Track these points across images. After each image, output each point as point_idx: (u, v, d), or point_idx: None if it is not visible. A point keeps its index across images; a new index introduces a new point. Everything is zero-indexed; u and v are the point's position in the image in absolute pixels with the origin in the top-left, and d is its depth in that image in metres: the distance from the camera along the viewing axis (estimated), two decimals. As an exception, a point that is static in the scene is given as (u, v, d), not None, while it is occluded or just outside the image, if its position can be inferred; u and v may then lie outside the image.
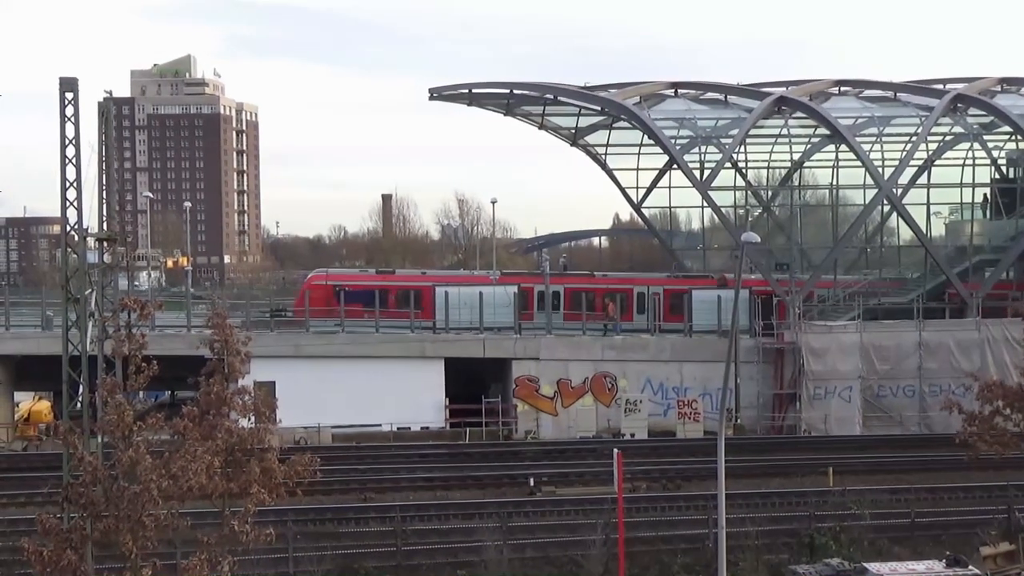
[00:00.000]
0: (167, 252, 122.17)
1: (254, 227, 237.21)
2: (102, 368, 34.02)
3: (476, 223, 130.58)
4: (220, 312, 25.05)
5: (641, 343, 58.62)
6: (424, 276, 67.56)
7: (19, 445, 55.56)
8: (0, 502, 42.27)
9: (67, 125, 34.02)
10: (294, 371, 53.79)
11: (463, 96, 67.08)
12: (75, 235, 35.13)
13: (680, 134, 61.01)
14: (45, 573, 20.64)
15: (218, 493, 22.54)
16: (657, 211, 75.22)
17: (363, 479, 46.21)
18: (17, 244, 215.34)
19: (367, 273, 67.73)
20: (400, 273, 69.33)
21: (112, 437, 21.22)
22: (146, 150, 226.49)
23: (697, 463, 47.39)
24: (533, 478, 45.75)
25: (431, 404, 56.47)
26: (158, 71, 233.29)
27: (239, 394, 23.59)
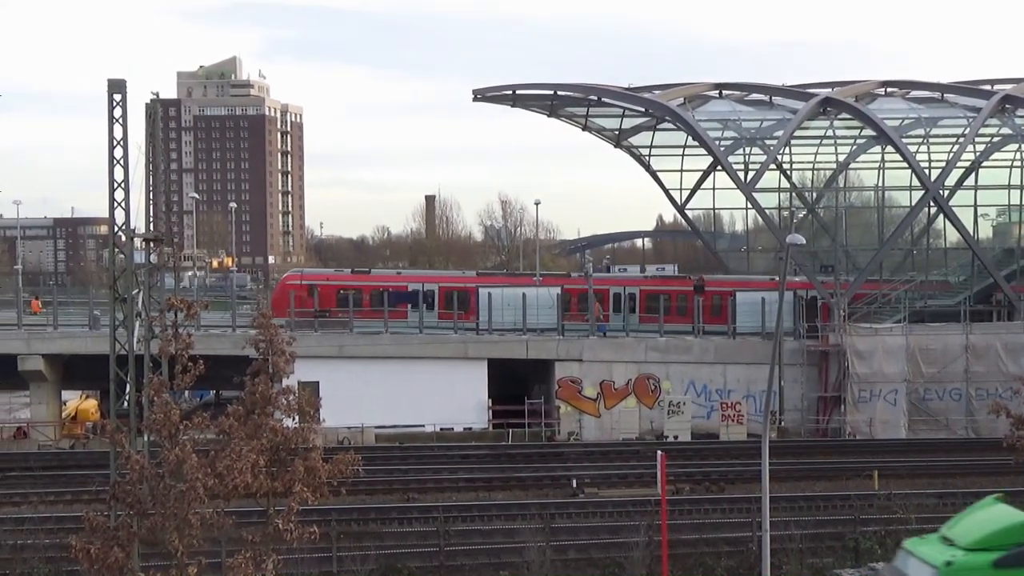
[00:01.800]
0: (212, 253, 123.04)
1: (298, 228, 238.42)
2: (149, 367, 34.37)
3: (519, 224, 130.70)
4: (265, 312, 25.16)
5: (684, 345, 58.46)
6: (399, 276, 67.70)
7: (66, 443, 56.12)
8: (48, 499, 42.71)
9: (115, 126, 34.34)
10: (338, 371, 54.08)
11: (507, 98, 67.12)
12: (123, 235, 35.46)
13: (724, 135, 60.80)
14: (92, 570, 20.84)
15: (263, 492, 22.61)
16: (701, 213, 74.97)
17: (406, 479, 46.35)
18: (65, 244, 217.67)
19: (342, 273, 67.86)
20: (375, 273, 69.41)
21: (159, 436, 21.38)
22: (192, 151, 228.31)
23: (740, 465, 47.21)
24: (576, 479, 45.71)
25: (474, 405, 56.59)
26: (204, 73, 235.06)
27: (283, 394, 23.66)
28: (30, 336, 58.35)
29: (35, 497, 42.90)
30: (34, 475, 46.88)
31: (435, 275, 70.79)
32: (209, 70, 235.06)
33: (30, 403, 62.40)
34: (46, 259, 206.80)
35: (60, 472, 47.76)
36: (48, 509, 40.86)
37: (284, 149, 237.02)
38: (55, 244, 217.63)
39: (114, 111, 34.29)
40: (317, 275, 66.80)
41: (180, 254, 41.26)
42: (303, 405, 23.89)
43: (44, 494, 43.30)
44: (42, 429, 57.83)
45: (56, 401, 60.88)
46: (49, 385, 58.73)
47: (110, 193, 35.17)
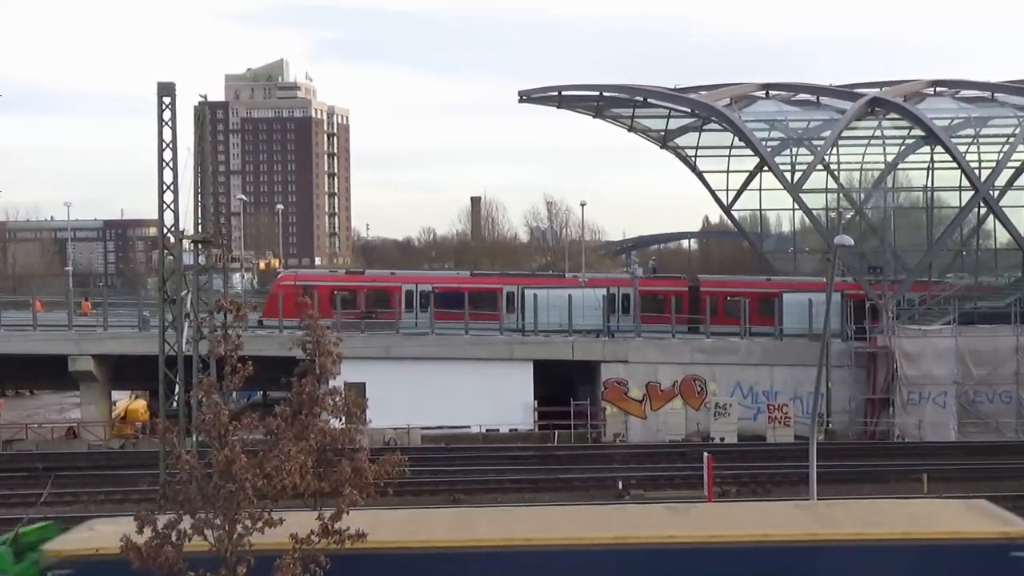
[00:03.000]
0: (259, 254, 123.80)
1: (344, 229, 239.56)
2: (198, 368, 34.66)
3: (565, 225, 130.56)
4: (312, 314, 25.27)
5: (731, 346, 58.22)
6: (393, 276, 67.92)
7: (116, 443, 56.66)
8: (98, 499, 43.12)
9: (164, 129, 34.68)
10: (384, 372, 54.27)
11: (552, 99, 67.11)
12: (172, 237, 35.81)
13: (771, 136, 60.54)
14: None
15: (310, 492, 22.71)
16: (747, 213, 74.66)
17: (452, 480, 46.42)
18: (115, 246, 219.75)
19: (336, 274, 68.00)
20: (369, 273, 69.63)
21: (208, 436, 21.51)
22: (239, 153, 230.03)
23: (787, 468, 46.94)
24: (622, 481, 45.63)
25: (520, 406, 56.61)
26: (251, 75, 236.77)
27: (330, 394, 23.74)
28: (80, 337, 58.96)
29: (85, 496, 43.33)
30: (84, 475, 47.35)
31: (428, 275, 71.09)
32: (256, 73, 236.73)
33: (80, 403, 63.09)
34: (96, 261, 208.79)
35: (110, 472, 48.21)
36: (98, 508, 41.23)
37: (331, 151, 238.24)
38: (105, 246, 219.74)
39: (163, 114, 34.65)
40: (311, 276, 67.59)
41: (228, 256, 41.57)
42: (350, 406, 23.97)
43: (94, 493, 43.72)
44: (92, 429, 58.42)
45: (106, 401, 61.47)
46: (99, 385, 59.31)
47: (159, 195, 35.55)
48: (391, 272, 71.27)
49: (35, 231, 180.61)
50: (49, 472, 45.46)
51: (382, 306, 59.90)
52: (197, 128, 40.18)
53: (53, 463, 49.00)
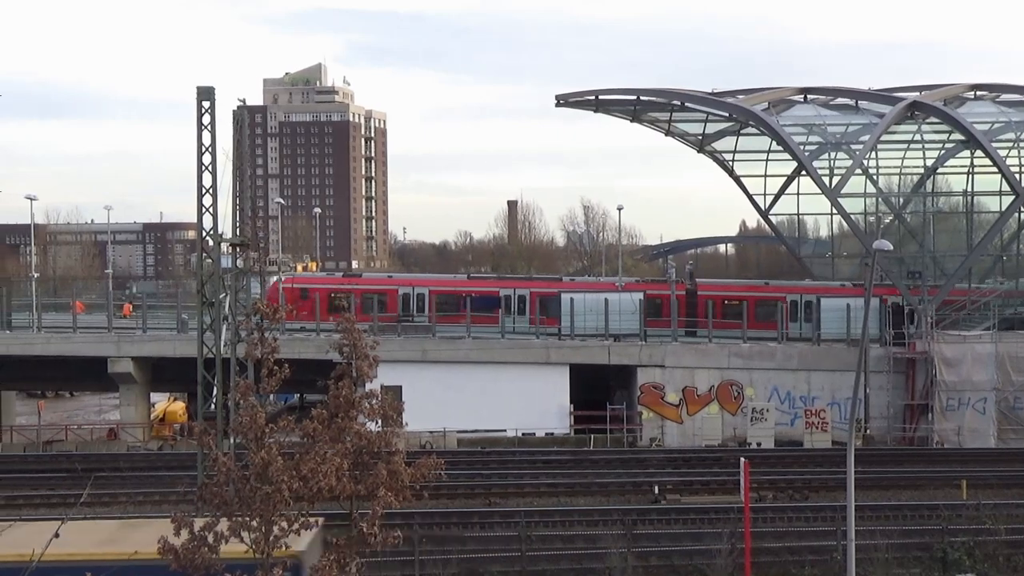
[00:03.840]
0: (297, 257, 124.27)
1: (381, 233, 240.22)
2: (235, 370, 34.84)
3: (602, 229, 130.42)
4: (349, 317, 25.38)
5: (768, 351, 57.99)
6: (389, 279, 67.97)
7: (155, 444, 57.04)
8: (136, 500, 43.41)
9: (204, 133, 34.88)
10: (420, 376, 54.40)
11: (589, 103, 66.99)
12: (210, 240, 36.01)
13: (809, 140, 60.24)
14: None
15: (346, 495, 22.80)
16: (785, 218, 74.21)
17: (488, 484, 46.46)
18: (154, 249, 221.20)
19: (334, 277, 68.08)
20: (366, 276, 69.70)
21: (245, 438, 21.64)
22: (277, 157, 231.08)
23: (825, 473, 46.71)
24: (658, 486, 45.53)
25: (556, 410, 56.58)
26: (290, 80, 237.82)
27: (367, 398, 23.83)
28: (120, 339, 59.39)
29: (124, 497, 43.64)
30: (123, 475, 47.69)
31: (425, 278, 71.25)
32: (294, 77, 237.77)
33: (119, 405, 63.55)
34: (135, 263, 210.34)
35: (148, 473, 48.55)
36: (136, 509, 41.55)
37: (368, 155, 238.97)
38: (144, 249, 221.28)
39: (203, 118, 34.84)
40: (309, 279, 67.77)
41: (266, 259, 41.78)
42: (386, 409, 24.04)
43: (133, 494, 44.02)
44: (131, 430, 58.83)
45: (145, 403, 61.89)
46: (138, 387, 59.72)
47: (198, 198, 35.76)
48: (388, 275, 71.66)
49: (76, 234, 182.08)
50: (88, 473, 45.82)
51: (379, 309, 59.97)
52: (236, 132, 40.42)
53: (93, 464, 49.38)
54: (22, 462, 52.32)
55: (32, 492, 44.80)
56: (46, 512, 40.61)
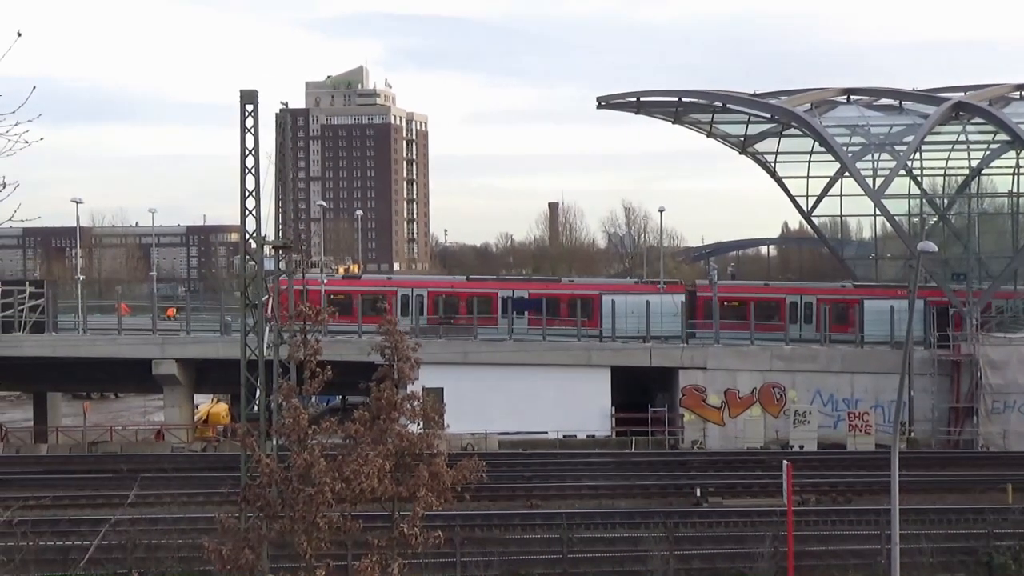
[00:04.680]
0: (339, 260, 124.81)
1: (423, 235, 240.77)
2: (278, 372, 35.01)
3: (643, 231, 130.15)
4: (390, 319, 25.46)
5: (811, 353, 57.70)
6: (388, 281, 67.89)
7: (198, 446, 57.41)
8: (180, 500, 43.68)
9: (247, 136, 35.05)
10: (462, 377, 54.47)
11: (631, 105, 66.93)
12: (253, 243, 36.19)
13: (852, 141, 59.89)
14: (224, 571, 21.29)
15: (388, 496, 22.86)
16: (827, 219, 73.94)
17: (529, 486, 46.44)
18: (197, 251, 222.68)
19: (333, 278, 68.24)
20: (366, 278, 69.75)
21: (288, 440, 21.76)
22: (319, 160, 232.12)
23: (868, 477, 46.37)
24: (700, 488, 45.37)
25: (597, 412, 56.51)
26: (331, 82, 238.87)
27: (408, 399, 23.89)
28: (164, 341, 59.86)
29: (168, 498, 43.89)
30: (167, 476, 48.01)
31: (424, 280, 71.33)
32: (336, 80, 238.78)
33: (164, 406, 64.06)
34: (179, 266, 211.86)
35: (192, 474, 48.86)
36: (181, 510, 41.81)
37: (409, 157, 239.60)
38: (188, 251, 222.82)
39: (246, 121, 35.00)
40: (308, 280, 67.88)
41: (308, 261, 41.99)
42: (428, 411, 24.10)
43: (177, 495, 44.30)
44: (175, 432, 59.27)
45: (188, 404, 62.33)
46: (182, 389, 60.17)
47: (241, 201, 35.91)
48: (387, 277, 71.84)
49: (120, 237, 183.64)
50: (133, 474, 46.15)
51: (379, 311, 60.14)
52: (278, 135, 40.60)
53: (138, 465, 49.75)
54: (68, 463, 52.82)
55: (78, 492, 45.17)
56: (91, 512, 40.97)
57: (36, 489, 43.47)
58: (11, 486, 42.78)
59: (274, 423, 24.10)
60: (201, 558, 25.41)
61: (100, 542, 32.40)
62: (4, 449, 56.39)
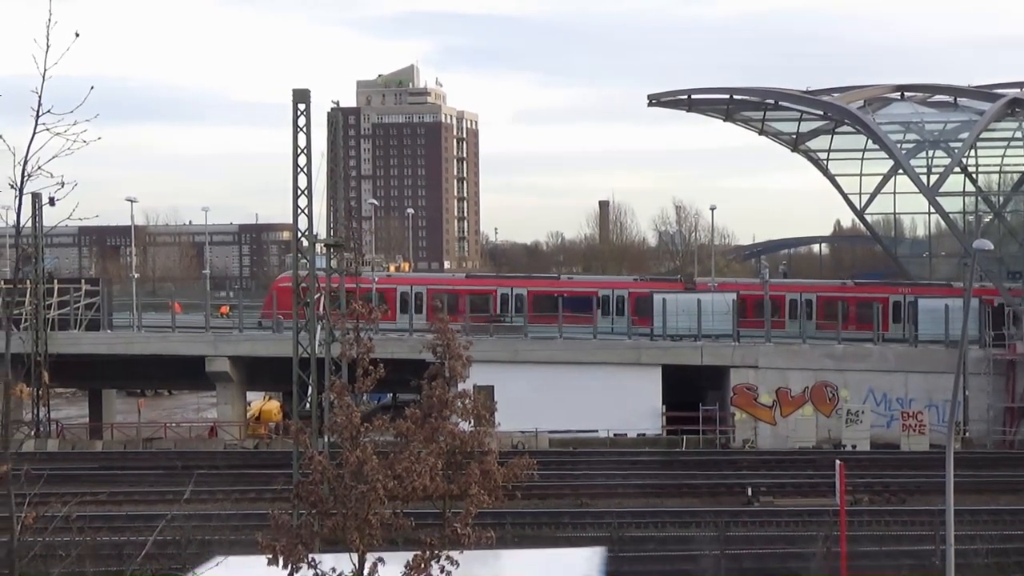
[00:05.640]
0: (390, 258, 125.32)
1: (473, 233, 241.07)
2: (330, 370, 35.23)
3: (694, 229, 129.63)
4: (443, 318, 25.51)
5: (863, 352, 57.26)
6: (388, 279, 68.12)
7: (251, 443, 57.85)
8: (233, 497, 44.07)
9: (299, 135, 35.32)
10: (512, 376, 54.46)
11: (682, 102, 66.74)
12: (305, 241, 36.45)
13: (906, 138, 59.40)
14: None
15: (439, 494, 22.89)
16: (880, 217, 73.36)
17: (579, 484, 46.44)
18: (249, 250, 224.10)
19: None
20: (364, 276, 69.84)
21: (340, 437, 21.82)
22: (371, 158, 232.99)
23: (922, 477, 45.97)
24: (751, 488, 45.18)
25: (647, 411, 56.36)
26: (383, 81, 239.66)
27: (460, 397, 23.90)
28: (217, 338, 60.36)
29: (221, 494, 44.31)
30: (220, 473, 48.44)
31: (423, 277, 71.44)
32: (387, 79, 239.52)
33: (216, 403, 64.61)
34: (231, 264, 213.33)
35: (244, 471, 49.26)
36: (234, 507, 42.17)
37: (460, 155, 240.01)
38: (240, 249, 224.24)
39: (298, 120, 35.27)
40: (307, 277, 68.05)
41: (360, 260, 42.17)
42: (479, 409, 24.07)
43: (230, 492, 44.70)
44: (228, 429, 59.75)
45: (241, 402, 62.82)
46: (234, 386, 60.64)
47: (294, 200, 36.21)
48: (387, 275, 72.12)
49: (174, 235, 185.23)
50: (187, 470, 46.59)
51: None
52: (330, 133, 40.89)
53: (192, 461, 50.22)
54: (123, 459, 53.44)
55: (132, 488, 45.69)
56: (146, 508, 41.42)
57: (91, 485, 43.99)
58: (67, 482, 43.28)
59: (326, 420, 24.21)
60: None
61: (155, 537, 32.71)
62: (60, 445, 57.08)
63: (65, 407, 76.77)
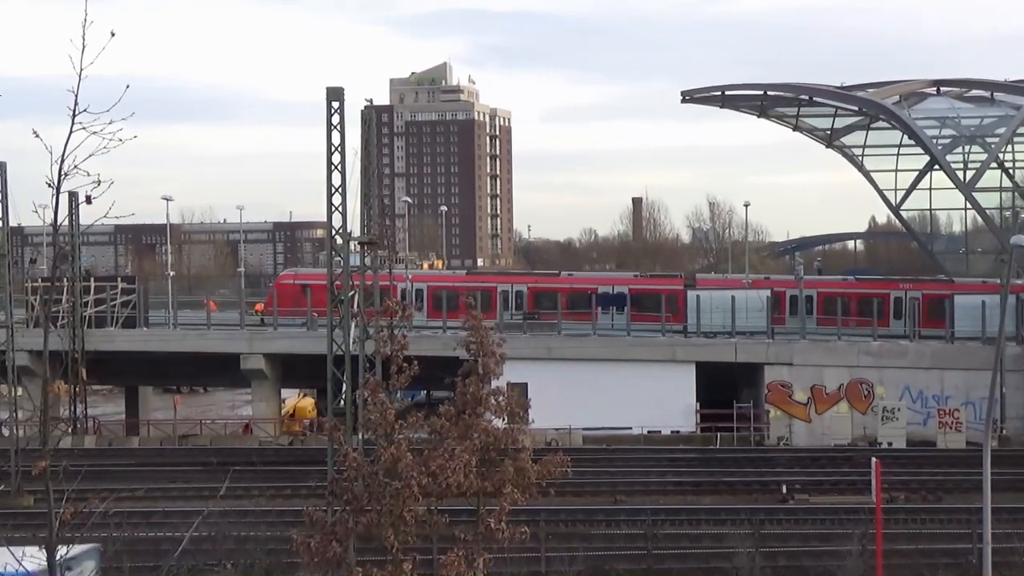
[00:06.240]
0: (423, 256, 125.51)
1: (506, 231, 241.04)
2: (364, 367, 35.34)
3: (727, 226, 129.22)
4: (476, 315, 25.54)
5: (899, 349, 56.90)
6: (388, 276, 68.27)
7: (285, 439, 58.08)
8: (268, 494, 44.26)
9: (333, 133, 35.41)
10: (546, 373, 54.37)
11: (716, 99, 66.54)
12: (339, 239, 36.56)
13: (942, 133, 59.03)
14: (312, 563, 21.52)
15: (473, 491, 22.93)
16: (916, 213, 72.74)
17: (613, 481, 46.39)
18: (283, 247, 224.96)
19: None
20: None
21: (374, 434, 21.90)
22: (404, 156, 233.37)
23: (959, 475, 45.67)
24: (786, 485, 44.98)
25: (681, 408, 56.20)
26: (416, 79, 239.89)
27: (493, 395, 23.94)
28: (252, 336, 60.61)
29: (256, 491, 44.52)
30: (255, 470, 48.66)
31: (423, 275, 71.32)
32: (420, 77, 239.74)
33: (251, 400, 64.89)
34: (266, 262, 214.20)
35: (280, 467, 49.47)
36: (268, 503, 42.37)
37: (493, 153, 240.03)
38: (274, 247, 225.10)
39: (332, 118, 35.35)
40: (309, 275, 68.30)
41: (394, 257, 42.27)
42: (512, 406, 24.11)
43: (265, 488, 44.90)
44: (262, 425, 60.00)
45: (276, 399, 63.06)
46: (269, 383, 60.88)
47: (328, 197, 36.30)
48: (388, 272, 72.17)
49: (209, 233, 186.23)
50: (222, 466, 46.82)
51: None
52: (364, 131, 41.00)
53: (228, 458, 50.46)
54: (159, 455, 53.79)
55: (169, 484, 45.99)
56: (183, 504, 41.65)
57: (128, 481, 44.25)
58: (103, 478, 43.58)
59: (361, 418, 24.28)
60: (289, 550, 25.74)
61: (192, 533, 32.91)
62: (97, 441, 57.50)
63: (102, 404, 77.29)
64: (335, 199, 36.28)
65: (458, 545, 21.96)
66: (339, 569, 21.25)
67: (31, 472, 15.10)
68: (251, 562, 34.53)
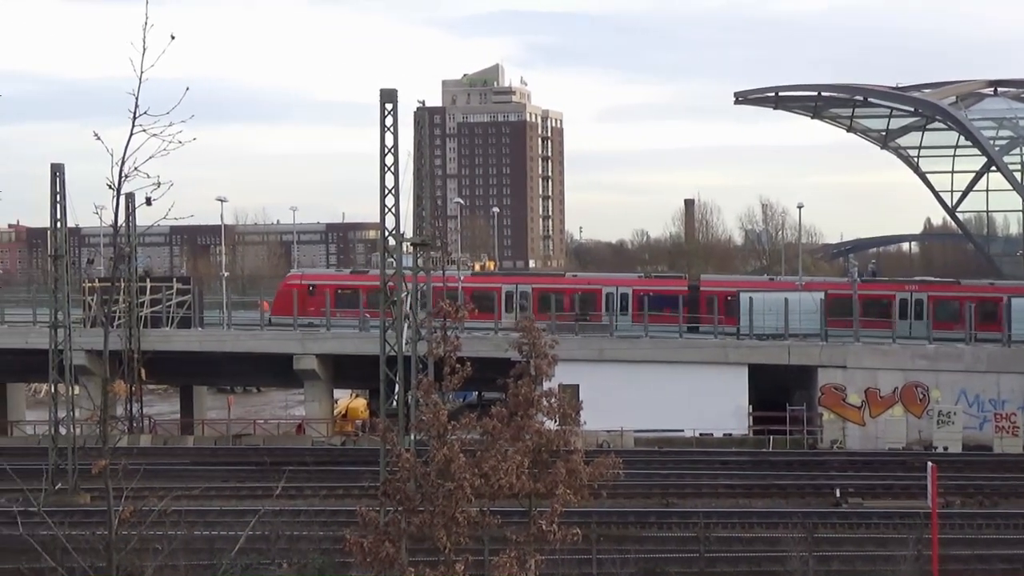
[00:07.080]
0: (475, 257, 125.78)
1: (558, 232, 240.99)
2: (417, 368, 35.46)
3: (780, 228, 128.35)
4: (529, 316, 25.59)
5: (955, 352, 56.30)
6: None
7: (338, 440, 58.39)
8: (321, 494, 44.50)
9: (386, 134, 35.56)
10: (598, 374, 54.32)
11: (769, 100, 66.27)
12: (392, 239, 36.71)
13: (1000, 135, 58.45)
14: (365, 563, 21.59)
15: (525, 492, 22.94)
16: (973, 215, 72.12)
17: (665, 484, 46.25)
18: (336, 248, 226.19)
19: (341, 273, 68.24)
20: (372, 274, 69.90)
21: (427, 435, 21.96)
22: (456, 157, 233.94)
23: (1015, 480, 45.18)
24: (839, 489, 44.64)
25: (734, 410, 55.95)
26: (467, 81, 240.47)
27: (545, 396, 23.93)
28: (304, 337, 60.96)
29: (309, 491, 44.77)
30: (308, 470, 48.95)
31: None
32: (472, 78, 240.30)
33: (304, 400, 65.29)
34: (319, 262, 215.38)
35: (332, 467, 49.71)
36: (321, 503, 42.61)
37: (544, 154, 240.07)
38: (327, 248, 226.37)
39: (385, 120, 35.50)
40: (317, 275, 68.56)
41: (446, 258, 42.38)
42: (564, 407, 24.09)
43: (317, 488, 45.15)
44: (315, 426, 60.36)
45: (328, 399, 63.39)
46: (321, 383, 61.21)
47: (381, 198, 36.45)
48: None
49: (262, 234, 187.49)
50: (276, 466, 47.13)
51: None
52: (416, 133, 41.15)
53: (281, 458, 50.83)
54: (213, 455, 54.22)
55: (223, 484, 46.34)
56: (236, 504, 41.99)
57: (183, 480, 44.68)
58: (159, 477, 44.03)
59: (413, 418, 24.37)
60: (342, 550, 25.88)
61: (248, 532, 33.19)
62: (152, 441, 58.10)
63: (157, 403, 78.13)
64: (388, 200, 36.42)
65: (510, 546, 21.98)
66: (392, 569, 21.32)
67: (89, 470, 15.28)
68: (304, 562, 34.76)
